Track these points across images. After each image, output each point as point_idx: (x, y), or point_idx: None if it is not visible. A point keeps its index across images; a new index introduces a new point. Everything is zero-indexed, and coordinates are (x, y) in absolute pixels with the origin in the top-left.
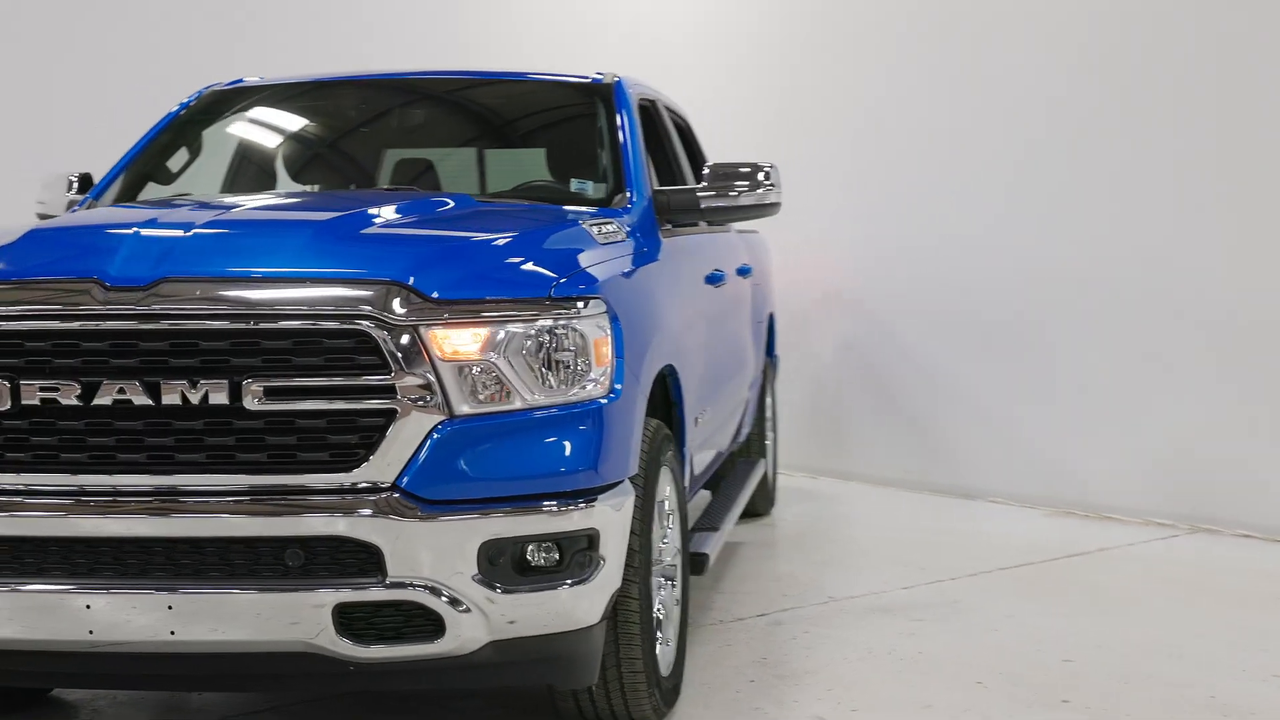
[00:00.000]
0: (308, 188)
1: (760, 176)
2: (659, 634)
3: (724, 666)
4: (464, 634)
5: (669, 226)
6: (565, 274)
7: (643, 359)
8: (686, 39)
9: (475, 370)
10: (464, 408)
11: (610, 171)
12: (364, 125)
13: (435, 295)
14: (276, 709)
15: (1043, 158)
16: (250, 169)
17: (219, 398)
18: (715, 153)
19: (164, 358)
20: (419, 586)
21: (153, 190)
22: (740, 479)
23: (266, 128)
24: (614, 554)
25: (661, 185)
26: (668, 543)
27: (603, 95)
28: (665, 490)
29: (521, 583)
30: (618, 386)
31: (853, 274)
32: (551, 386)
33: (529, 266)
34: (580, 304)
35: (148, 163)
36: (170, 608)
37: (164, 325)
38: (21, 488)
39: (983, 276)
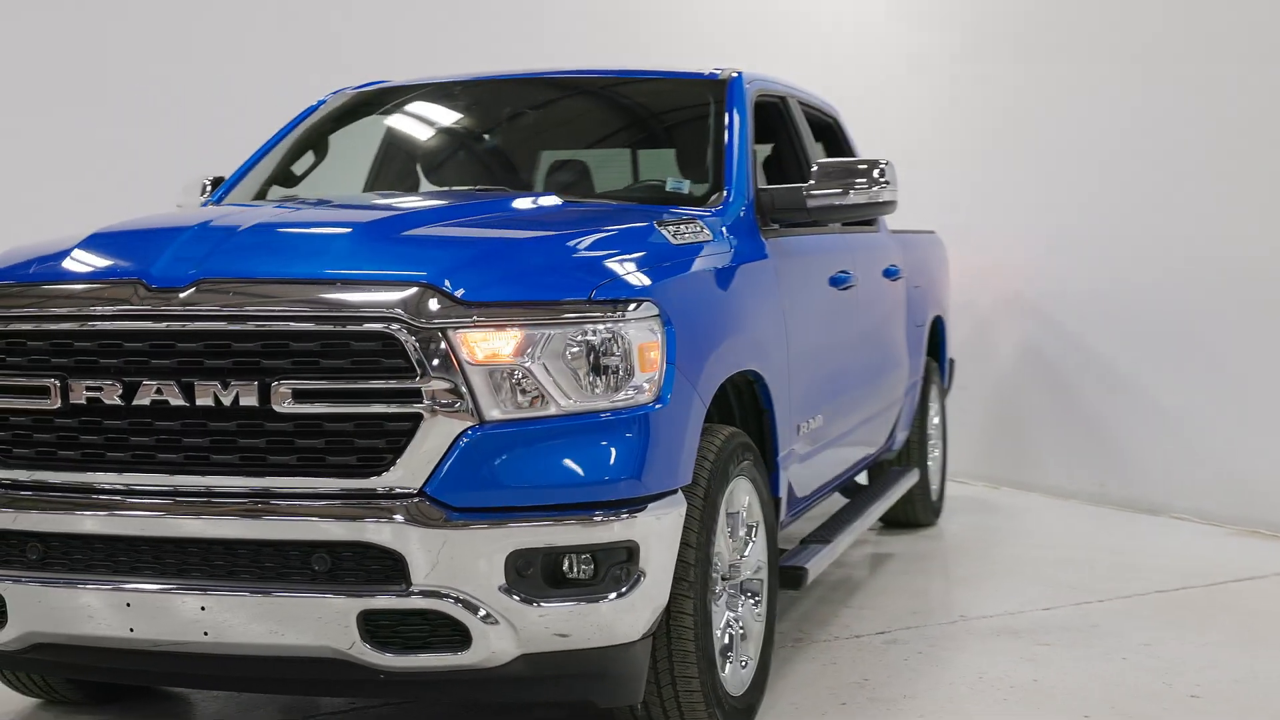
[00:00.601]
0: (438, 188)
1: (875, 174)
2: (729, 653)
3: (819, 687)
4: (492, 646)
5: (775, 226)
6: (610, 276)
7: (704, 364)
8: (864, 32)
9: (507, 375)
10: (494, 413)
11: (711, 170)
12: (480, 125)
13: (467, 297)
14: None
15: (1238, 153)
16: (390, 171)
17: (249, 399)
18: (892, 152)
19: (199, 359)
20: (444, 596)
21: (276, 192)
22: (880, 489)
23: (403, 128)
24: (659, 567)
25: (789, 184)
26: (746, 556)
27: (716, 91)
28: (742, 500)
29: (553, 595)
30: (667, 393)
31: (1035, 275)
32: (590, 392)
33: (571, 268)
34: (625, 307)
35: (276, 164)
36: (203, 609)
37: (197, 326)
38: (72, 484)
39: (1174, 279)
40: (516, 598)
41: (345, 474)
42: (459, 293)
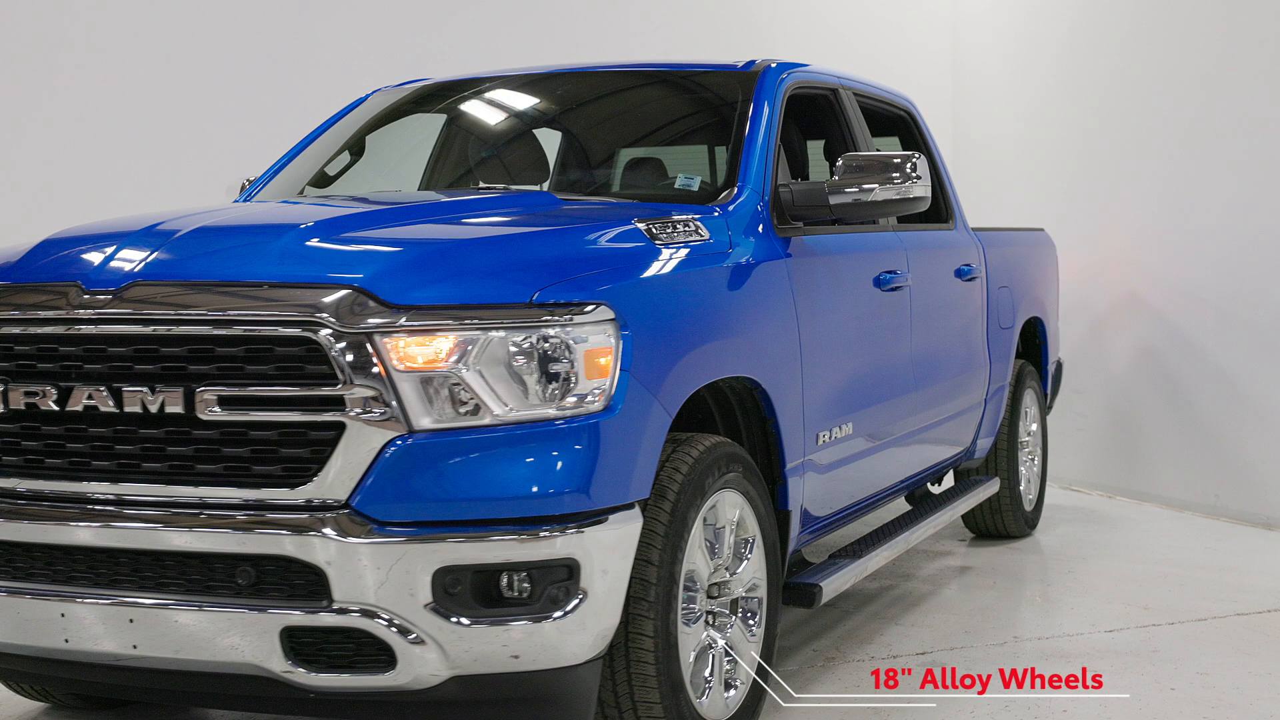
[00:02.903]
0: (451, 187)
1: (907, 168)
2: (709, 676)
3: (829, 712)
4: (418, 667)
5: (799, 224)
6: (558, 278)
7: (671, 371)
8: (992, 29)
9: (439, 382)
10: (425, 422)
11: (727, 166)
12: (509, 123)
13: (397, 301)
14: None
15: None
16: (444, 169)
17: (175, 406)
18: (1007, 152)
19: (129, 364)
20: (366, 614)
21: (312, 192)
22: (944, 500)
23: (441, 125)
24: (606, 586)
25: (812, 181)
26: (737, 573)
27: (745, 84)
28: (727, 514)
29: (486, 615)
30: (619, 402)
31: (1152, 275)
32: (530, 400)
33: (515, 270)
34: (572, 311)
35: (315, 163)
36: (132, 621)
37: (125, 330)
38: (12, 491)
39: None
40: (445, 617)
41: (270, 484)
42: (389, 296)
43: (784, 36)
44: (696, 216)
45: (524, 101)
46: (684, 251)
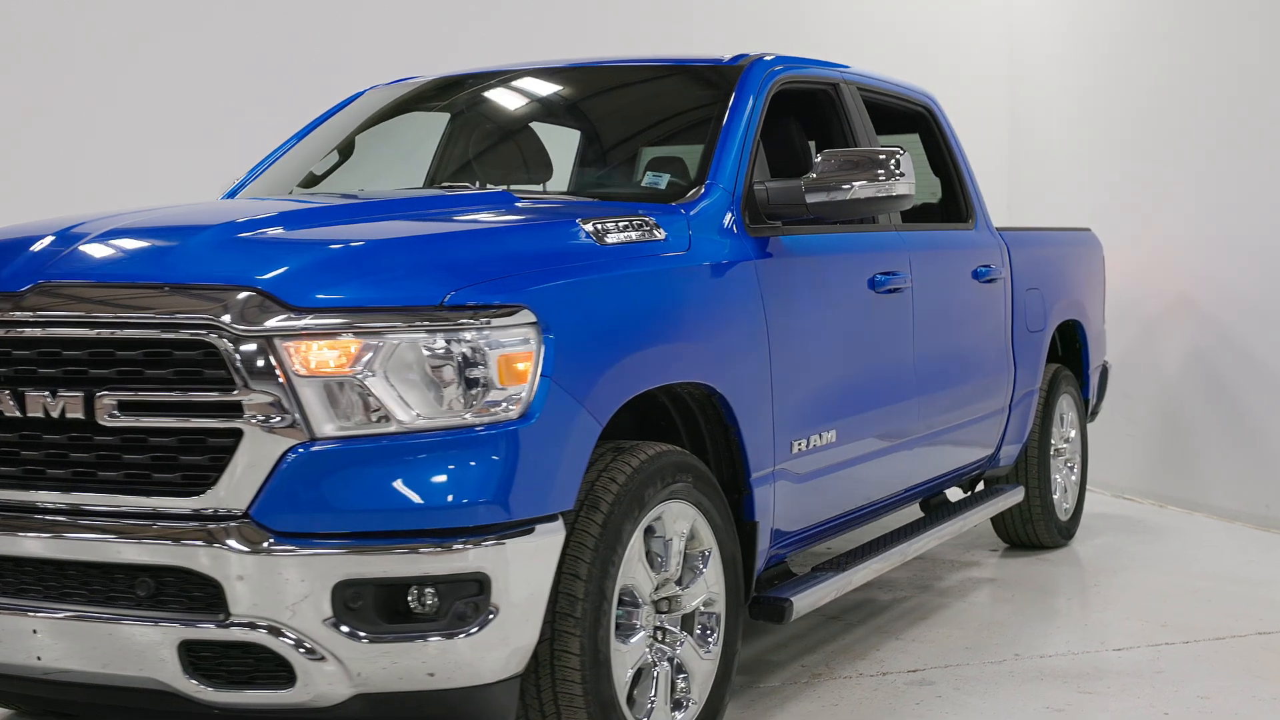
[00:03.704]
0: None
1: (891, 165)
2: (650, 695)
3: None
4: (318, 684)
5: (776, 224)
6: (474, 280)
7: (601, 377)
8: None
9: (342, 387)
10: (328, 429)
11: (699, 163)
12: (487, 120)
13: (299, 303)
14: None
15: None
16: (446, 166)
17: (75, 411)
18: (1060, 149)
19: (32, 368)
20: (264, 628)
21: (297, 192)
22: (951, 510)
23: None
24: (521, 601)
25: (788, 178)
26: (689, 588)
27: (728, 79)
28: (676, 526)
29: (389, 631)
30: (538, 409)
31: (1202, 276)
32: (440, 407)
33: (429, 271)
34: (486, 314)
35: (298, 163)
36: (35, 632)
37: (27, 333)
38: None
39: None
40: (345, 632)
41: (170, 493)
42: (291, 298)
43: (835, 33)
44: (652, 215)
45: (510, 99)
46: (631, 252)
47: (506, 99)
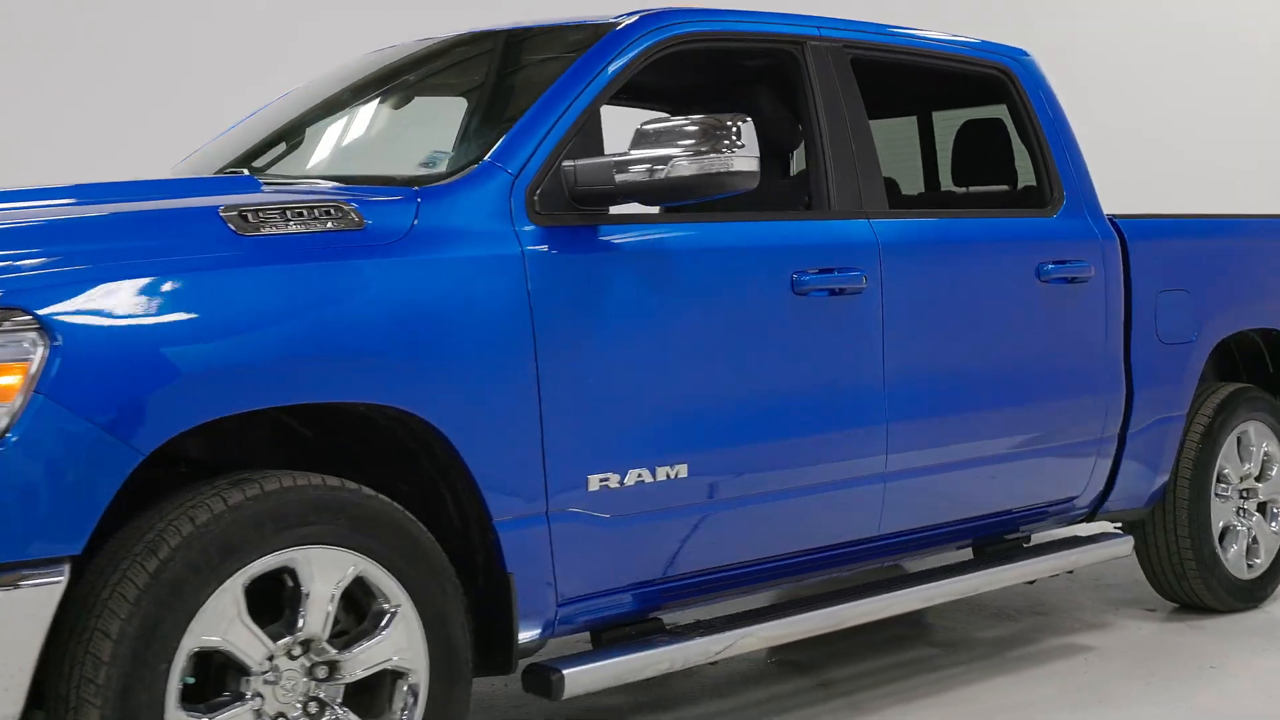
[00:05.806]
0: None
1: (719, 135)
2: None
3: None
4: None
5: (590, 210)
6: None
7: (152, 397)
8: None
9: None
10: None
11: (493, 138)
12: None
13: None
14: None
15: None
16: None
17: None
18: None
19: None
20: None
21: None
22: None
23: None
24: None
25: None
26: (352, 653)
27: (586, 41)
28: (326, 576)
29: None
30: (23, 431)
31: None
32: None
33: None
34: None
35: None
36: None
37: None
38: None
39: None
40: None
41: None
42: None
43: None
44: (357, 201)
45: (377, 79)
46: (289, 243)
47: (375, 78)
